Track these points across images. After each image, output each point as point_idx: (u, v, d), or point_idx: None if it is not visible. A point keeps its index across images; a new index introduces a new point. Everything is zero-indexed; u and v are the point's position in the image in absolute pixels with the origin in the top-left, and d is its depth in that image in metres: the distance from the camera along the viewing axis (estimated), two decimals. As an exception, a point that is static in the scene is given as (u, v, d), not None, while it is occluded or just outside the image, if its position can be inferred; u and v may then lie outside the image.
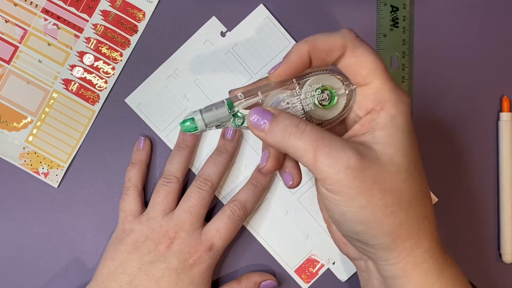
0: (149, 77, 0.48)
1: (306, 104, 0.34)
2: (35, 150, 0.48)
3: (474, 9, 0.49)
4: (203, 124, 0.33)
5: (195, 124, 0.34)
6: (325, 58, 0.33)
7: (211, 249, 0.43)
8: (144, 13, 0.48)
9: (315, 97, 0.34)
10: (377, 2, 0.48)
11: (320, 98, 0.34)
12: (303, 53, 0.33)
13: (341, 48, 0.33)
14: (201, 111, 0.34)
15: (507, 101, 0.48)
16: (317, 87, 0.34)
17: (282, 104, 0.34)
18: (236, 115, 0.34)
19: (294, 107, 0.34)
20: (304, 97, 0.34)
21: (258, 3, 0.48)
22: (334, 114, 0.34)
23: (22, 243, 0.48)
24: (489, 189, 0.48)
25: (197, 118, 0.33)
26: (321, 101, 0.34)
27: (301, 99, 0.34)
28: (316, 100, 0.34)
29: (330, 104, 0.34)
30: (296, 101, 0.34)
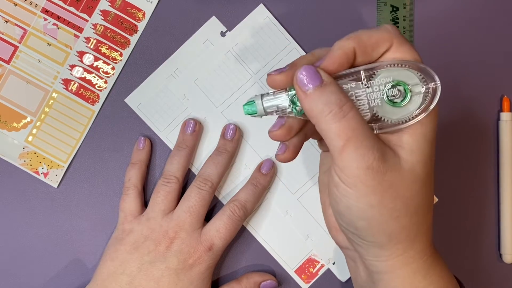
0: (149, 77, 0.48)
1: (373, 98, 0.31)
2: (34, 150, 0.48)
3: (474, 9, 0.49)
4: (262, 109, 0.32)
5: (255, 107, 0.33)
6: (371, 54, 0.32)
7: (211, 249, 0.43)
8: (144, 13, 0.48)
9: (384, 91, 0.31)
10: (377, 2, 0.48)
11: (391, 93, 0.31)
12: (348, 48, 0.31)
13: (387, 43, 0.32)
14: (262, 95, 0.32)
15: (507, 101, 0.48)
16: (389, 80, 0.31)
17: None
18: (295, 103, 0.32)
19: (359, 100, 0.31)
20: (371, 90, 0.31)
21: (258, 3, 0.48)
22: (405, 113, 0.31)
23: (22, 243, 0.48)
24: (489, 189, 0.48)
25: (257, 102, 0.32)
26: (392, 97, 0.31)
27: (367, 93, 0.31)
28: (385, 95, 0.31)
29: (403, 101, 0.31)
30: (361, 94, 0.31)
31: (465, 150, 0.48)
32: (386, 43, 0.32)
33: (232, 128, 0.47)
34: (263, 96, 0.32)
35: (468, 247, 0.48)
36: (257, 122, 0.48)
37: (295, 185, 0.48)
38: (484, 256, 0.48)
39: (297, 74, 0.31)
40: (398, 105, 0.31)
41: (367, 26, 0.48)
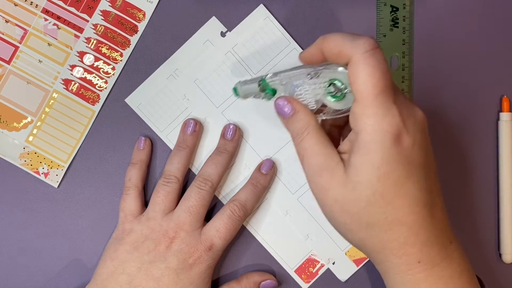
0: (149, 77, 0.48)
1: (316, 93, 0.36)
2: (35, 150, 0.48)
3: (474, 9, 0.49)
4: (242, 93, 0.40)
5: (237, 92, 0.41)
6: (336, 59, 0.35)
7: (211, 249, 0.43)
8: (144, 13, 0.48)
9: (326, 88, 0.36)
10: (377, 2, 0.49)
11: (330, 90, 0.36)
12: (318, 48, 0.36)
13: (346, 57, 0.34)
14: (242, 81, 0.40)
15: (507, 101, 0.48)
16: (329, 79, 0.36)
17: (296, 90, 0.37)
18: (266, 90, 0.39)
19: (306, 93, 0.37)
20: (317, 86, 0.36)
21: (258, 3, 0.48)
22: (343, 106, 0.36)
23: (22, 243, 0.48)
24: (489, 189, 0.48)
25: (238, 86, 0.41)
26: (331, 92, 0.36)
27: (313, 88, 0.36)
28: (326, 91, 0.36)
29: (340, 96, 0.36)
30: (309, 89, 0.36)
31: (465, 150, 0.48)
32: (345, 57, 0.34)
33: (232, 128, 0.47)
34: (242, 83, 0.40)
35: (468, 247, 0.48)
36: (257, 122, 0.48)
37: (295, 185, 0.48)
38: (484, 256, 0.48)
39: (275, 104, 0.37)
40: (337, 98, 0.36)
41: (367, 26, 0.48)
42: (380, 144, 0.33)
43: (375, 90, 0.32)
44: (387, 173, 0.33)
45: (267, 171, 0.47)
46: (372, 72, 0.32)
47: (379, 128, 0.33)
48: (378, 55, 0.33)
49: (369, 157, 0.33)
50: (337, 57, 0.34)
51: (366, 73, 0.32)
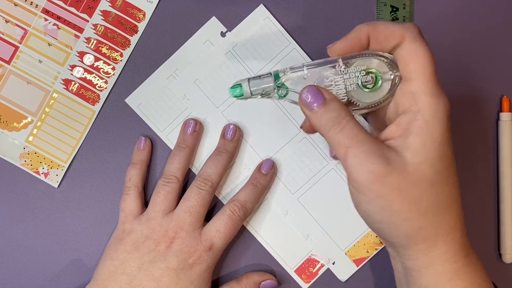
0: (149, 77, 0.48)
1: (349, 84, 0.34)
2: (35, 150, 0.48)
3: (474, 9, 0.49)
4: (249, 91, 0.36)
5: (241, 90, 0.36)
6: (383, 43, 0.34)
7: (211, 249, 0.43)
8: (144, 13, 0.48)
9: (359, 78, 0.34)
10: (377, 2, 0.49)
11: (364, 80, 0.34)
12: (362, 32, 0.34)
13: (399, 37, 0.33)
14: (249, 79, 0.36)
15: (507, 101, 0.48)
16: (362, 68, 0.34)
17: (325, 81, 0.35)
18: (280, 87, 0.35)
19: (337, 85, 0.34)
20: (348, 76, 0.34)
21: (258, 3, 0.48)
22: (376, 98, 0.35)
23: (22, 243, 0.48)
24: (489, 189, 0.48)
25: (244, 85, 0.36)
26: (365, 83, 0.34)
27: (345, 79, 0.34)
28: (360, 81, 0.34)
29: (374, 87, 0.35)
30: (339, 80, 0.34)
31: (465, 150, 0.48)
32: (398, 37, 0.33)
33: (232, 128, 0.47)
34: (250, 80, 0.36)
35: (468, 247, 0.48)
36: (257, 122, 0.48)
37: (295, 185, 0.48)
38: (484, 256, 0.48)
39: (301, 96, 0.34)
40: (370, 90, 0.35)
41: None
42: (441, 121, 0.33)
43: (432, 69, 0.33)
44: (446, 151, 0.33)
45: (267, 171, 0.47)
46: (428, 51, 0.33)
47: (440, 106, 0.33)
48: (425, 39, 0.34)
49: (432, 135, 0.33)
50: (388, 38, 0.34)
51: (424, 51, 0.33)
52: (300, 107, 0.35)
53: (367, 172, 0.32)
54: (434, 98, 0.33)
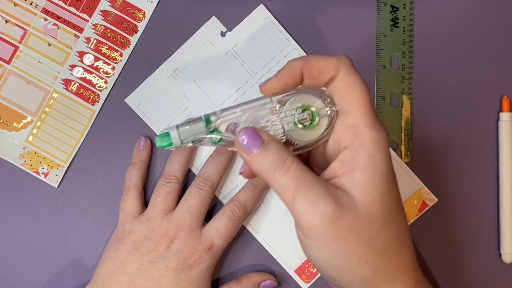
0: (149, 77, 0.48)
1: (286, 123, 0.33)
2: (35, 150, 0.48)
3: (474, 9, 0.49)
4: (179, 140, 0.32)
5: (170, 139, 0.32)
6: (317, 77, 0.32)
7: (211, 249, 0.43)
8: (144, 13, 0.48)
9: (295, 116, 0.33)
10: (377, 2, 0.48)
11: (301, 117, 0.33)
12: (295, 68, 0.32)
13: (333, 70, 0.32)
14: (177, 126, 0.32)
15: (507, 101, 0.48)
16: (298, 106, 0.33)
17: (261, 121, 0.32)
18: (213, 132, 0.33)
19: (274, 125, 0.33)
20: (284, 115, 0.33)
21: (258, 3, 0.48)
22: (315, 135, 0.33)
23: (22, 243, 0.48)
24: (489, 189, 0.48)
25: (173, 133, 0.32)
26: (302, 120, 0.33)
27: (281, 118, 0.33)
28: (297, 119, 0.33)
29: (312, 124, 0.33)
30: (275, 119, 0.33)
31: (465, 150, 0.48)
32: (332, 70, 0.32)
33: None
34: (178, 127, 0.32)
35: (468, 247, 0.48)
36: (257, 122, 0.48)
37: (295, 185, 0.48)
38: (484, 256, 0.48)
39: (237, 140, 0.32)
40: (308, 127, 0.33)
41: (367, 26, 0.48)
42: (384, 154, 0.31)
43: (370, 98, 0.32)
44: (392, 183, 0.32)
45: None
46: (364, 83, 0.32)
47: (382, 137, 0.31)
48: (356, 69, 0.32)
49: (378, 170, 0.31)
50: (322, 72, 0.32)
51: (361, 81, 0.32)
52: (238, 152, 0.32)
53: (320, 216, 0.30)
54: (375, 130, 0.31)
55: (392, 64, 0.48)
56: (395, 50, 0.48)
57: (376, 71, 0.48)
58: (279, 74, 0.33)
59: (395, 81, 0.48)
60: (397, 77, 0.48)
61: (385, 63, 0.48)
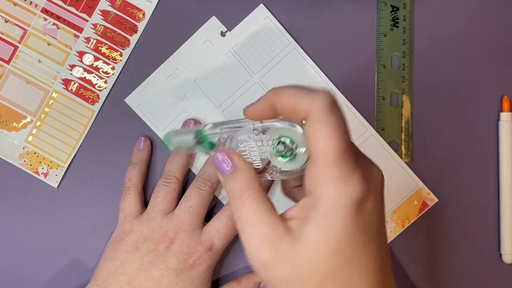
0: (149, 77, 0.48)
1: (263, 151, 0.32)
2: (34, 150, 0.48)
3: (474, 9, 0.49)
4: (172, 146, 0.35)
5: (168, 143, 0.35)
6: (290, 115, 0.31)
7: (211, 249, 0.43)
8: (144, 13, 0.48)
9: (273, 146, 0.32)
10: (377, 2, 0.48)
11: (278, 149, 0.32)
12: (269, 102, 0.32)
13: (304, 112, 0.30)
14: (176, 132, 0.35)
15: (507, 101, 0.48)
16: (276, 137, 0.32)
17: (240, 146, 0.33)
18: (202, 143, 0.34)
19: (252, 151, 0.33)
20: (261, 144, 0.32)
21: (258, 3, 0.48)
22: (293, 167, 0.32)
23: (22, 243, 0.48)
24: (489, 189, 0.48)
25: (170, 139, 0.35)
26: (279, 152, 0.32)
27: (258, 146, 0.32)
28: (274, 150, 0.32)
29: (290, 156, 0.32)
30: (254, 146, 0.32)
31: (465, 150, 0.48)
32: (302, 112, 0.30)
33: (232, 128, 0.47)
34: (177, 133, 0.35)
35: (468, 247, 0.48)
36: (257, 122, 0.48)
37: (295, 185, 0.48)
38: (484, 256, 0.48)
39: (214, 157, 0.33)
40: (286, 158, 0.32)
41: (367, 26, 0.48)
42: (342, 215, 0.29)
43: (336, 152, 0.29)
44: (346, 247, 0.29)
45: (267, 171, 0.47)
46: (332, 132, 0.29)
47: (342, 196, 0.29)
48: (338, 113, 0.29)
49: (330, 229, 0.29)
50: (292, 113, 0.31)
51: (326, 132, 0.29)
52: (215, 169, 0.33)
53: (256, 259, 0.30)
54: (337, 186, 0.29)
55: (392, 64, 0.48)
56: (395, 50, 0.48)
57: (376, 71, 0.48)
58: (256, 104, 0.32)
59: (395, 81, 0.48)
60: (397, 77, 0.48)
61: (385, 63, 0.48)
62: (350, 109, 0.48)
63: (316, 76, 0.48)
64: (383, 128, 0.48)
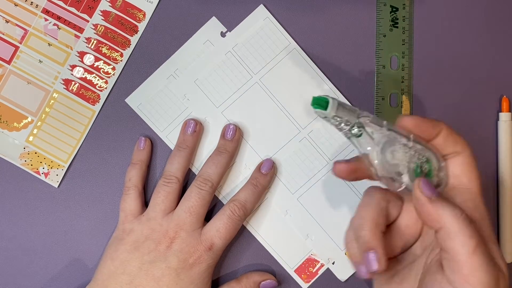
0: (149, 77, 0.48)
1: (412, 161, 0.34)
2: (35, 150, 0.48)
3: (474, 9, 0.49)
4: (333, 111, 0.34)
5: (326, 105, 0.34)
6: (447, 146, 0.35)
7: (211, 249, 0.43)
8: (144, 13, 0.48)
9: (419, 160, 0.34)
10: (377, 2, 0.49)
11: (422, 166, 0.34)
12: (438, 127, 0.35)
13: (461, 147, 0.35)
14: (339, 101, 0.34)
15: (507, 101, 0.48)
16: (425, 155, 0.34)
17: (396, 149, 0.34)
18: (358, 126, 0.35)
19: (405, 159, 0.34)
20: (413, 154, 0.34)
21: (258, 3, 0.48)
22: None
23: (22, 243, 0.48)
24: (489, 189, 0.48)
25: (332, 103, 0.34)
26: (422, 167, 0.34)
27: (410, 153, 0.34)
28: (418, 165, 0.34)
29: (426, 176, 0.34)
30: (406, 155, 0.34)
31: (465, 150, 0.48)
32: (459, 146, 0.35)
33: (232, 128, 0.47)
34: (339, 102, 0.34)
35: (468, 247, 0.48)
36: (257, 122, 0.48)
37: (295, 185, 0.48)
38: (483, 256, 0.48)
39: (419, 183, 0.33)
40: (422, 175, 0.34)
41: (367, 26, 0.48)
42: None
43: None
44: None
45: (267, 171, 0.47)
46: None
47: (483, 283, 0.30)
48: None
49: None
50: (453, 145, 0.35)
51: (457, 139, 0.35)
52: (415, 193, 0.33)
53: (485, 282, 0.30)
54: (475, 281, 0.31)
55: (392, 64, 0.48)
56: (395, 50, 0.48)
57: (376, 71, 0.48)
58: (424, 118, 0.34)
59: (394, 81, 0.48)
60: (397, 77, 0.48)
61: (384, 63, 0.48)
62: (350, 109, 0.48)
63: (316, 76, 0.48)
64: (383, 128, 0.48)
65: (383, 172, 0.34)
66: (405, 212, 0.36)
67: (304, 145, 0.48)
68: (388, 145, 0.34)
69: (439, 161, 0.35)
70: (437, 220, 0.32)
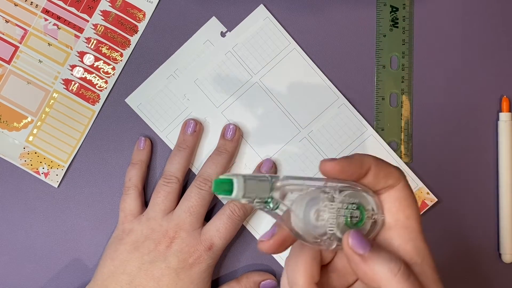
0: (149, 77, 0.48)
1: (341, 214, 0.30)
2: (35, 150, 0.48)
3: (474, 9, 0.49)
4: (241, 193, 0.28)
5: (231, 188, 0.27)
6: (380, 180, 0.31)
7: (211, 249, 0.43)
8: (144, 13, 0.48)
9: (349, 211, 0.30)
10: (377, 2, 0.49)
11: (354, 214, 0.30)
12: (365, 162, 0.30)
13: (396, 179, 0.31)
14: (244, 176, 0.28)
15: (507, 101, 0.48)
16: (355, 201, 0.30)
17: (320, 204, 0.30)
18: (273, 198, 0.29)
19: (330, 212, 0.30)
20: (341, 206, 0.30)
21: (258, 3, 0.48)
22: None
23: (23, 243, 0.48)
24: (489, 189, 0.48)
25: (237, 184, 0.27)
26: (353, 218, 0.30)
27: (337, 207, 0.30)
28: (349, 215, 0.30)
29: (357, 224, 0.30)
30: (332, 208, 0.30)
31: (465, 150, 0.48)
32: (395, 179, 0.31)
33: (232, 128, 0.47)
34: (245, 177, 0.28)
35: (468, 247, 0.48)
36: (257, 122, 0.48)
37: (295, 185, 0.48)
38: (483, 256, 0.48)
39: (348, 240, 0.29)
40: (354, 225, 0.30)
41: (367, 26, 0.48)
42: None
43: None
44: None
45: (267, 171, 0.47)
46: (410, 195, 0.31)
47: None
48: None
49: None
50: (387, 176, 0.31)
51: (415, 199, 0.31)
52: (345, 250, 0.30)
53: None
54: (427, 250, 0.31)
55: (392, 64, 0.48)
56: (395, 50, 0.48)
57: (376, 71, 0.48)
58: (349, 159, 0.30)
59: (394, 81, 0.48)
60: (397, 77, 0.48)
61: (384, 63, 0.48)
62: (350, 109, 0.48)
63: (316, 76, 0.48)
64: (383, 128, 0.48)
65: (310, 238, 0.30)
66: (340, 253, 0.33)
67: (304, 145, 0.48)
68: (311, 206, 0.29)
69: (373, 201, 0.31)
70: (373, 279, 0.29)
